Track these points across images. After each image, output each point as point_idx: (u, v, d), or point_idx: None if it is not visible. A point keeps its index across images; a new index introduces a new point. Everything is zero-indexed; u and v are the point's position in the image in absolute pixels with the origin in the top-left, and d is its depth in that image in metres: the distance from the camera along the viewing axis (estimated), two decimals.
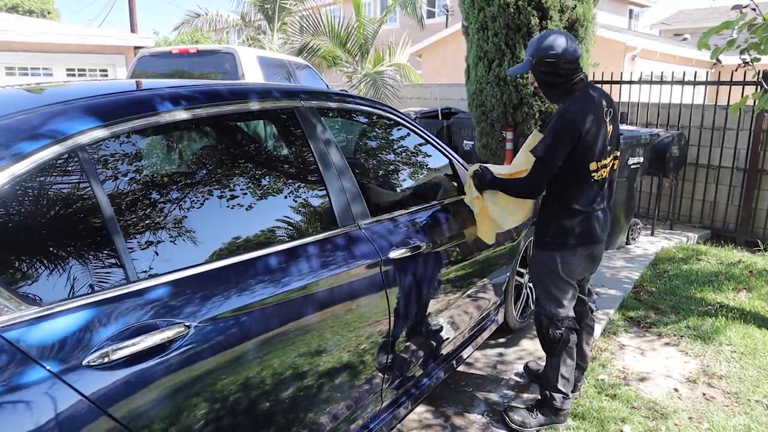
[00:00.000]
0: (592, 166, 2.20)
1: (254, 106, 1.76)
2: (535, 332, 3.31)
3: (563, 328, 2.33)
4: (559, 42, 2.18)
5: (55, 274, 1.17)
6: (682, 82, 5.62)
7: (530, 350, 3.12)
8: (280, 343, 1.52)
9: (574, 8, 5.30)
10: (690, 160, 5.80)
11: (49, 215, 1.22)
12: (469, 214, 2.55)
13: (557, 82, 2.23)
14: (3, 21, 11.32)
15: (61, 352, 1.10)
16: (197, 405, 1.31)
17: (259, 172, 1.76)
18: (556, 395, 2.36)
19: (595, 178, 2.22)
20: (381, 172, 2.46)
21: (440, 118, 7.76)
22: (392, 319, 1.94)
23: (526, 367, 2.84)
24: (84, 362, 1.12)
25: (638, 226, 5.30)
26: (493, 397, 2.65)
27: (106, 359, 1.15)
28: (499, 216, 2.38)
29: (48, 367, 1.07)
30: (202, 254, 1.45)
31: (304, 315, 1.60)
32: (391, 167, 2.52)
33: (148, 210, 1.39)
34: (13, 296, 1.10)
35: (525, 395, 2.67)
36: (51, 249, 1.19)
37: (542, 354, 3.01)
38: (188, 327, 1.29)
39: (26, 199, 1.19)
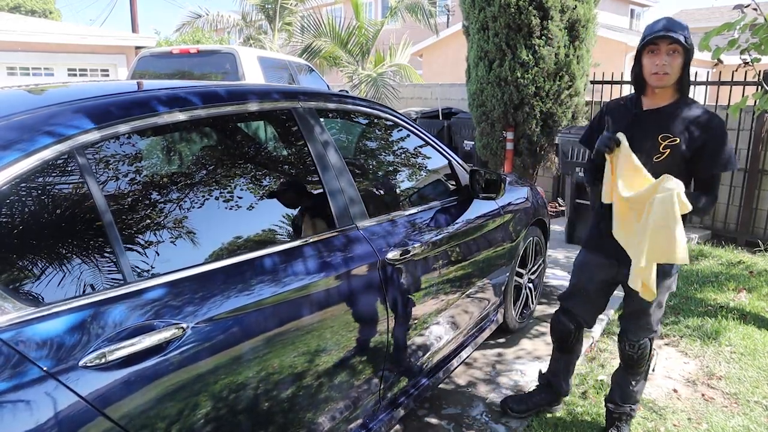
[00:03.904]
0: None
1: (252, 107, 1.76)
2: (534, 332, 3.32)
3: None
4: None
5: (52, 275, 1.18)
6: None
7: (529, 350, 3.12)
8: (277, 344, 1.52)
9: (574, 8, 5.30)
10: None
11: (46, 216, 1.22)
12: (468, 215, 2.55)
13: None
14: (5, 21, 11.34)
15: (58, 353, 1.10)
16: (194, 406, 1.31)
17: (257, 173, 1.76)
18: (635, 406, 2.35)
19: None
20: (380, 173, 2.46)
21: (441, 118, 7.76)
22: (390, 320, 1.94)
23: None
24: (81, 363, 1.12)
25: None
26: (492, 397, 2.65)
27: (103, 360, 1.15)
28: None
29: (44, 368, 1.07)
30: (200, 255, 1.45)
31: (301, 316, 1.60)
32: (390, 168, 2.52)
33: (145, 211, 1.39)
34: (10, 296, 1.10)
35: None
36: (47, 250, 1.20)
37: (540, 354, 3.02)
38: (185, 328, 1.29)
39: (23, 200, 1.19)
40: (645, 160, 1.98)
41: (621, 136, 1.99)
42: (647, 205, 1.87)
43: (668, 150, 1.99)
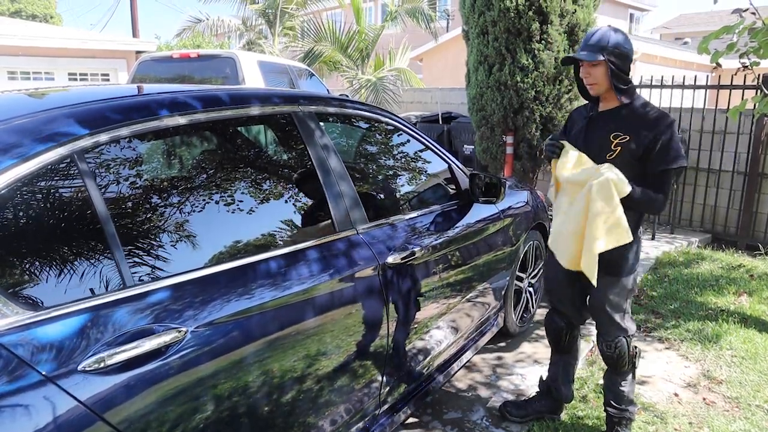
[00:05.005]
0: None
1: (253, 111, 1.76)
2: (534, 336, 3.32)
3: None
4: (628, 38, 2.16)
5: (51, 279, 1.17)
6: (682, 86, 5.62)
7: (529, 354, 3.11)
8: (277, 348, 1.52)
9: (574, 13, 5.31)
10: (690, 164, 5.80)
11: (45, 220, 1.22)
12: (468, 219, 2.55)
13: (627, 77, 2.14)
14: (6, 25, 11.37)
15: (57, 357, 1.10)
16: (194, 410, 1.31)
17: (257, 178, 1.76)
18: (633, 407, 2.33)
19: None
20: (380, 177, 2.46)
21: (441, 122, 7.77)
22: (391, 323, 1.94)
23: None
24: (80, 367, 1.12)
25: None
26: (493, 401, 2.64)
27: (102, 364, 1.14)
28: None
29: (43, 372, 1.07)
30: (200, 259, 1.45)
31: (301, 320, 1.60)
32: (390, 172, 2.52)
33: (145, 215, 1.39)
34: (9, 300, 1.10)
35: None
36: (47, 253, 1.19)
37: (540, 358, 3.02)
38: (184, 332, 1.29)
39: (22, 203, 1.19)
40: (598, 158, 2.11)
41: (565, 143, 2.16)
42: (583, 191, 2.01)
43: (619, 148, 2.10)
